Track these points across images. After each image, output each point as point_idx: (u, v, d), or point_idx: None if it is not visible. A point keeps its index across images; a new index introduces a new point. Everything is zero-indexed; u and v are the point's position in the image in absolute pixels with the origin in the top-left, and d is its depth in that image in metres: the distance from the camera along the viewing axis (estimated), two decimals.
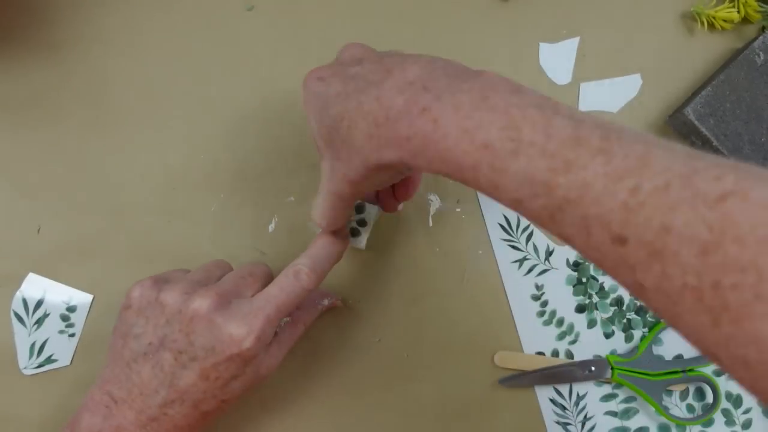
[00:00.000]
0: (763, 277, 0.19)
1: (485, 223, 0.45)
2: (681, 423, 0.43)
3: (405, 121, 0.27)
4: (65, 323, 0.43)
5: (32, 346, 0.42)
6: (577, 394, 0.43)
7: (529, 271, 0.44)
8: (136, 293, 0.35)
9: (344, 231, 0.38)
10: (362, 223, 0.40)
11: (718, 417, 0.43)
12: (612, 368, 0.43)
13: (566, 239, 0.25)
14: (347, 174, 0.31)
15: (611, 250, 0.23)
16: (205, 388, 0.33)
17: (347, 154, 0.30)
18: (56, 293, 0.43)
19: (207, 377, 0.33)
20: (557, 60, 0.47)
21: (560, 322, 0.44)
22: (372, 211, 0.41)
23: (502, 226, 0.45)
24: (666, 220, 0.21)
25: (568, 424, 0.43)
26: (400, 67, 0.29)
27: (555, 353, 0.44)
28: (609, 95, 0.47)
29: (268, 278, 0.37)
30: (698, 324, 0.21)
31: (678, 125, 0.45)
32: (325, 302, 0.41)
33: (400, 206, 0.42)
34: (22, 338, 0.42)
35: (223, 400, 0.34)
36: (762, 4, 0.47)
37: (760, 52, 0.44)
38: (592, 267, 0.45)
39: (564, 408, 0.43)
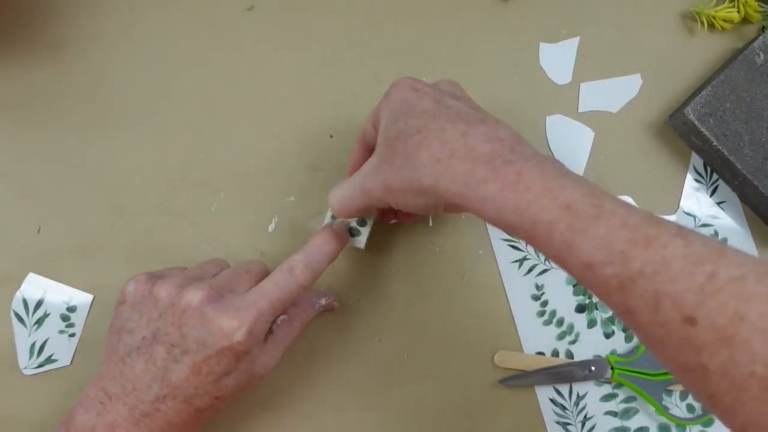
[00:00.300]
0: None
1: (485, 223, 0.45)
2: (681, 423, 0.43)
3: (486, 165, 0.29)
4: (65, 323, 0.43)
5: (32, 346, 0.42)
6: (577, 394, 0.43)
7: (529, 271, 0.44)
8: (131, 288, 0.35)
9: (342, 230, 0.38)
10: (362, 223, 0.40)
11: None
12: (612, 368, 0.43)
13: (628, 311, 0.25)
14: (388, 180, 0.33)
15: (679, 329, 0.24)
16: (198, 383, 0.33)
17: (401, 164, 0.32)
18: (56, 293, 0.43)
19: (199, 371, 0.33)
20: (557, 60, 0.47)
21: (560, 322, 0.44)
22: (372, 212, 0.41)
23: None
24: (741, 308, 0.22)
25: (568, 424, 0.43)
26: (495, 123, 0.32)
27: (555, 353, 0.44)
28: (609, 95, 0.47)
29: (264, 275, 0.37)
30: (763, 413, 0.22)
31: (678, 125, 0.45)
32: (323, 302, 0.41)
33: (394, 220, 0.42)
34: (22, 338, 0.42)
35: (216, 396, 0.34)
36: (762, 4, 0.47)
37: (760, 52, 0.44)
38: None
39: (564, 408, 0.43)
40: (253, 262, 0.38)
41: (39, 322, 0.43)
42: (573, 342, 0.44)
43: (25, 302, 0.43)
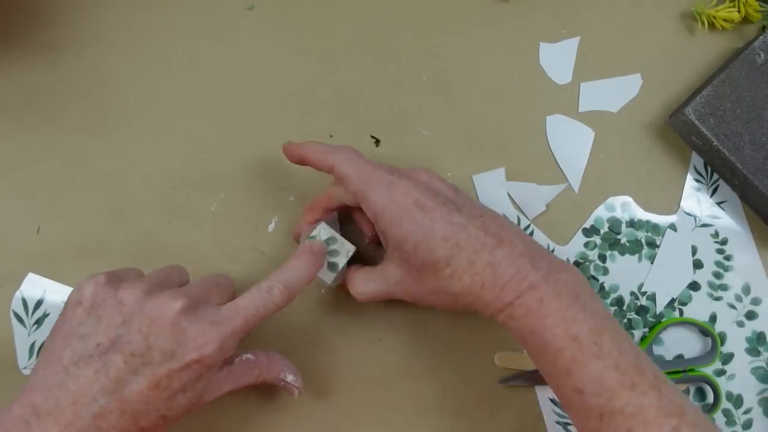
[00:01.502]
0: None
1: None
2: None
3: (512, 291, 0.33)
4: None
5: (32, 346, 0.42)
6: None
7: None
8: (89, 289, 0.33)
9: (321, 252, 0.38)
10: (335, 253, 0.39)
11: (719, 417, 0.43)
12: None
13: None
14: (418, 295, 0.37)
15: None
16: (151, 399, 0.31)
17: (433, 288, 0.36)
18: (56, 293, 0.43)
19: (157, 385, 0.30)
20: (557, 60, 0.47)
21: None
22: (345, 249, 0.39)
23: None
24: None
25: (568, 424, 0.43)
26: (509, 237, 0.35)
27: None
28: (609, 95, 0.47)
29: (232, 290, 0.37)
30: None
31: (678, 125, 0.45)
32: (289, 378, 0.38)
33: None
34: (22, 338, 0.42)
35: (164, 416, 0.31)
36: (762, 4, 0.47)
37: (761, 52, 0.44)
38: (592, 267, 0.45)
39: None
40: (221, 276, 0.38)
41: (38, 322, 0.43)
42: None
43: (24, 302, 0.43)
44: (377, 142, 0.45)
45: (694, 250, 0.45)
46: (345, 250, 0.39)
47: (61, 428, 0.29)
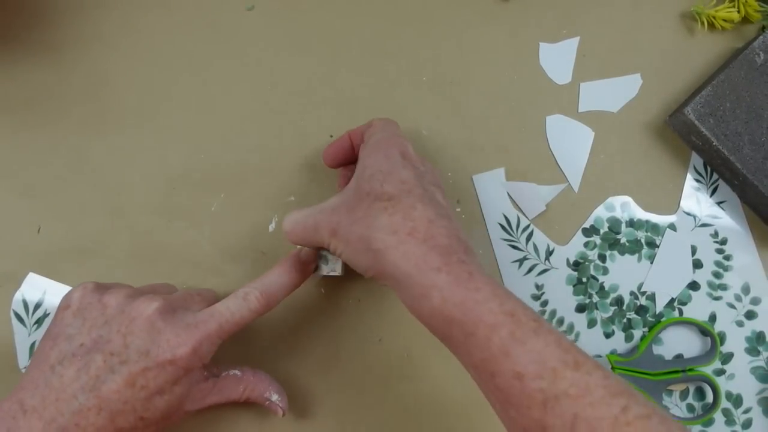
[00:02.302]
0: None
1: (485, 222, 0.45)
2: (681, 423, 0.43)
3: (441, 257, 0.30)
4: None
5: (32, 346, 0.42)
6: None
7: (529, 270, 0.44)
8: (77, 294, 0.34)
9: (309, 259, 0.38)
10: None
11: (719, 417, 0.43)
12: (612, 368, 0.43)
13: (542, 428, 0.27)
14: (339, 224, 0.34)
15: None
16: (128, 398, 0.31)
17: (359, 217, 0.33)
18: (56, 293, 0.43)
19: (133, 384, 0.31)
20: (557, 60, 0.47)
21: (560, 322, 0.44)
22: None
23: (502, 226, 0.45)
24: None
25: None
26: (457, 224, 0.33)
27: None
28: (609, 95, 0.47)
29: (213, 301, 0.37)
30: None
31: (678, 125, 0.45)
32: (274, 397, 0.38)
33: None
34: (22, 338, 0.42)
35: (141, 417, 0.32)
36: (762, 4, 0.47)
37: (760, 52, 0.44)
38: (592, 267, 0.45)
39: None
40: (204, 290, 0.39)
41: (39, 322, 0.43)
42: (573, 342, 0.44)
43: (24, 302, 0.43)
44: None
45: (693, 250, 0.45)
46: None
47: (44, 424, 0.31)
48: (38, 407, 0.31)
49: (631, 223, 0.45)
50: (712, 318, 0.44)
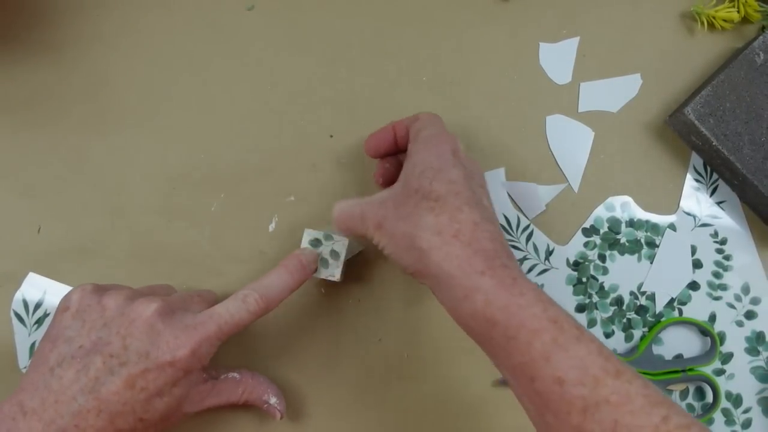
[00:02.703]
0: None
1: None
2: None
3: (485, 261, 0.31)
4: None
5: (32, 345, 0.42)
6: None
7: (529, 270, 0.44)
8: (76, 296, 0.35)
9: (310, 261, 0.38)
10: (335, 255, 0.39)
11: (718, 416, 0.43)
12: None
13: None
14: (386, 218, 0.34)
15: None
16: (127, 399, 0.31)
17: (406, 214, 0.33)
18: (56, 293, 0.43)
19: (133, 385, 0.32)
20: (557, 60, 0.47)
21: None
22: (341, 242, 0.39)
23: (502, 226, 0.45)
24: None
25: None
26: (500, 228, 0.34)
27: None
28: (609, 95, 0.47)
29: (214, 302, 0.37)
30: None
31: (678, 125, 0.45)
32: (272, 400, 0.38)
33: None
34: (22, 338, 0.42)
35: (141, 418, 0.32)
36: (762, 4, 0.47)
37: (760, 52, 0.44)
38: (592, 267, 0.45)
39: None
40: (205, 291, 0.39)
41: (39, 322, 0.43)
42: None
43: (25, 302, 0.43)
44: None
45: (693, 250, 0.45)
46: (341, 244, 0.40)
47: (43, 426, 0.31)
48: (38, 409, 0.31)
49: (631, 223, 0.45)
50: (712, 318, 0.44)
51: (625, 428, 0.26)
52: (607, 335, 0.44)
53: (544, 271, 0.44)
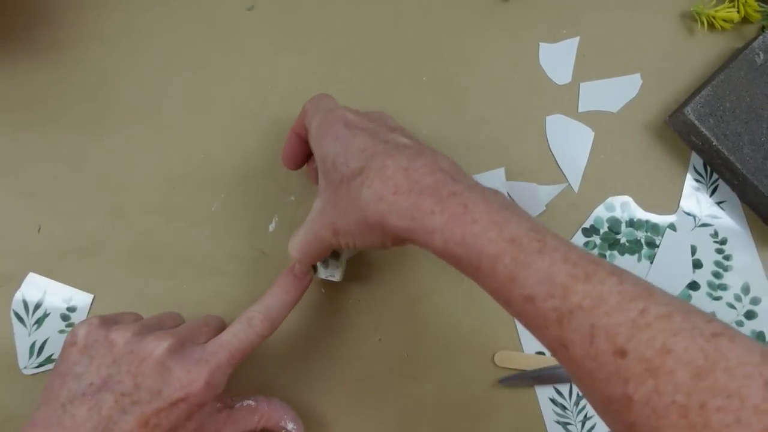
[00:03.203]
0: (745, 405, 0.22)
1: None
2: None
3: (431, 198, 0.29)
4: (65, 323, 0.43)
5: (32, 345, 0.42)
6: (578, 394, 0.43)
7: None
8: (83, 331, 0.34)
9: (304, 272, 0.38)
10: (335, 255, 0.39)
11: None
12: None
13: (563, 345, 0.27)
14: (335, 223, 0.33)
15: (610, 361, 0.25)
16: None
17: (345, 205, 0.32)
18: (56, 293, 0.43)
19: (146, 424, 0.31)
20: (557, 60, 0.47)
21: None
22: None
23: None
24: (668, 342, 0.24)
25: (568, 423, 0.43)
26: (433, 154, 0.32)
27: None
28: (609, 95, 0.47)
29: (222, 328, 0.37)
30: None
31: (678, 125, 0.45)
32: (290, 426, 0.38)
33: None
34: (22, 338, 0.42)
35: None
36: (762, 4, 0.47)
37: (760, 52, 0.44)
38: None
39: (564, 408, 0.43)
40: (212, 317, 0.38)
41: (39, 322, 0.43)
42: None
43: (24, 302, 0.43)
44: None
45: (693, 250, 0.45)
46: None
47: None
48: None
49: (631, 223, 0.45)
50: None
51: (602, 330, 0.25)
52: None
53: None
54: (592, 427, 0.43)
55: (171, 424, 0.32)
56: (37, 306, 0.43)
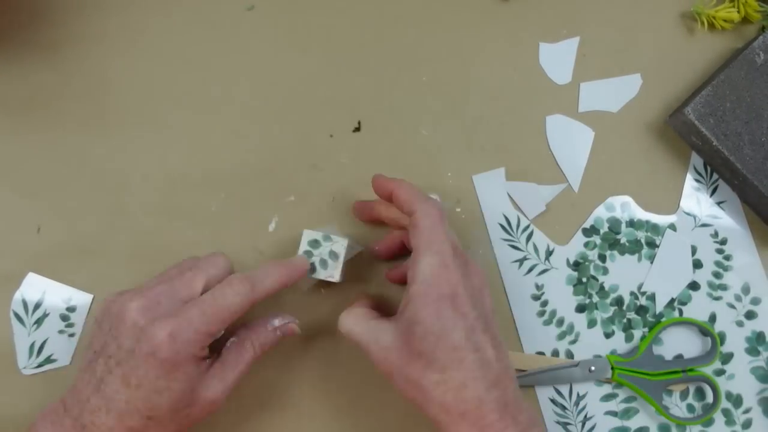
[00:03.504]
0: None
1: (485, 222, 0.45)
2: (681, 423, 0.43)
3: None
4: (65, 323, 0.43)
5: (32, 346, 0.42)
6: (577, 394, 0.43)
7: (529, 270, 0.44)
8: (100, 305, 0.36)
9: (302, 265, 0.39)
10: (334, 256, 0.40)
11: (719, 417, 0.43)
12: (612, 368, 0.43)
13: None
14: (388, 361, 0.35)
15: None
16: (128, 397, 0.33)
17: (414, 378, 0.34)
18: (56, 293, 0.43)
19: (128, 383, 0.33)
20: (557, 60, 0.47)
21: (560, 322, 0.44)
22: (341, 243, 0.40)
23: (502, 226, 0.45)
24: None
25: (568, 424, 0.43)
26: (504, 378, 0.35)
27: (555, 353, 0.44)
28: (609, 95, 0.47)
29: (222, 272, 0.37)
30: None
31: (678, 125, 0.45)
32: (275, 322, 0.39)
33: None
34: (22, 338, 0.42)
35: (148, 416, 0.33)
36: (762, 4, 0.47)
37: (760, 52, 0.44)
38: (592, 267, 0.45)
39: (564, 408, 0.43)
40: (214, 257, 0.38)
41: (38, 322, 0.43)
42: (573, 342, 0.44)
43: (24, 302, 0.43)
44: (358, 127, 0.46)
45: (693, 250, 0.45)
46: (340, 245, 0.40)
47: (72, 420, 0.33)
48: (71, 407, 0.34)
49: (631, 223, 0.45)
50: (712, 318, 0.44)
51: None
52: (608, 335, 0.44)
53: (544, 271, 0.44)
54: (593, 428, 0.43)
55: (151, 384, 0.33)
56: (37, 306, 0.43)
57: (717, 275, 0.45)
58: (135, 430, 0.33)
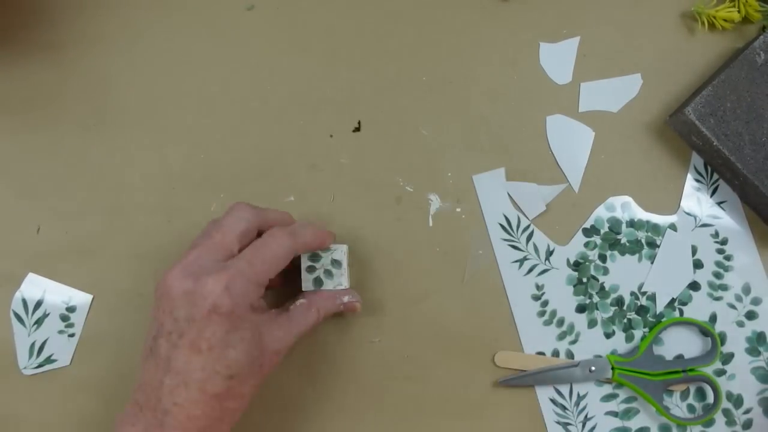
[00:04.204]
0: None
1: (485, 222, 0.45)
2: (682, 423, 0.42)
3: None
4: (65, 323, 0.43)
5: (32, 346, 0.42)
6: (578, 394, 0.43)
7: (530, 271, 0.44)
8: (155, 295, 0.35)
9: (327, 233, 0.39)
10: (337, 264, 0.40)
11: (719, 417, 0.43)
12: (612, 368, 0.43)
13: None
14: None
15: None
16: (202, 363, 0.32)
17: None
18: (56, 293, 0.43)
19: (198, 349, 0.32)
20: (557, 60, 0.47)
21: (560, 322, 0.44)
22: (340, 249, 0.40)
23: (502, 226, 0.45)
24: None
25: (569, 424, 0.43)
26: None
27: (555, 353, 0.44)
28: (609, 95, 0.47)
29: (250, 224, 0.37)
30: None
31: (678, 125, 0.45)
32: (345, 299, 0.40)
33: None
34: (22, 338, 0.42)
35: (229, 376, 0.33)
36: (762, 4, 0.47)
37: (761, 52, 0.44)
38: (592, 267, 0.45)
39: (564, 408, 0.43)
40: (279, 216, 0.39)
41: (38, 322, 0.43)
42: (573, 342, 0.44)
43: (24, 302, 0.43)
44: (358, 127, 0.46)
45: (694, 250, 0.45)
46: (340, 251, 0.40)
47: (152, 412, 0.33)
48: (145, 402, 0.33)
49: (632, 223, 0.45)
50: (713, 318, 0.44)
51: None
52: (608, 335, 0.44)
53: (545, 271, 0.44)
54: (593, 428, 0.43)
55: (220, 339, 0.32)
56: (37, 306, 0.43)
57: (717, 275, 0.45)
58: (220, 396, 0.33)
